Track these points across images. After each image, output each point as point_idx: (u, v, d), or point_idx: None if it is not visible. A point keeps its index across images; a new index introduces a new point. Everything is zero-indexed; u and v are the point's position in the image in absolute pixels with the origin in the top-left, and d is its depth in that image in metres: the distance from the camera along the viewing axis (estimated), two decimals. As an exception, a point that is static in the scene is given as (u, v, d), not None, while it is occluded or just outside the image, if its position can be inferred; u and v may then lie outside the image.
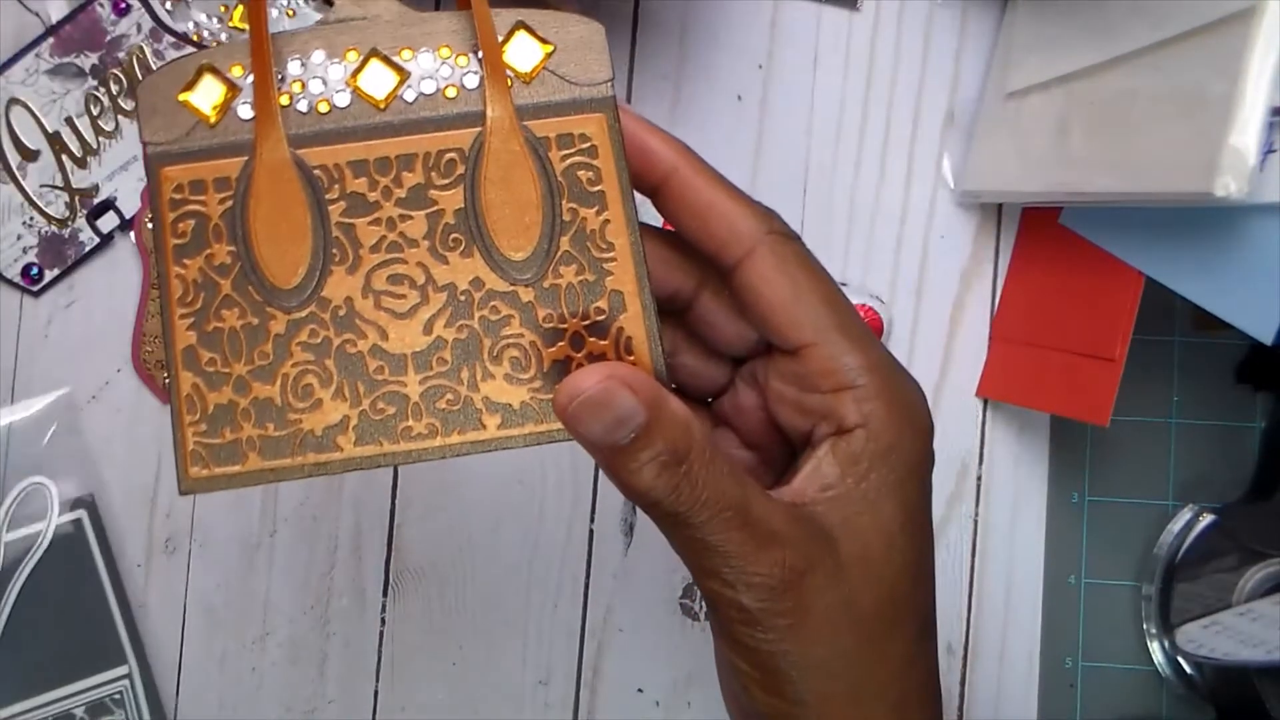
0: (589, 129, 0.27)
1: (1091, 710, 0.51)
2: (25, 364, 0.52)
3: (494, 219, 0.27)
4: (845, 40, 0.51)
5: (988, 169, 0.48)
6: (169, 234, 0.26)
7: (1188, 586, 0.49)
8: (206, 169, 0.26)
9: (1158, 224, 0.42)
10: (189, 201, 0.26)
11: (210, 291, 0.26)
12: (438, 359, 0.27)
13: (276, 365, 0.26)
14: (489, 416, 0.27)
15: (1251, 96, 0.35)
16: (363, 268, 0.26)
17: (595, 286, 0.27)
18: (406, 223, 0.26)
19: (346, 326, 0.26)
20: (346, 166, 0.26)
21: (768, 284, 0.28)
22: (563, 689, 0.52)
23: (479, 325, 0.27)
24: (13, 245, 0.51)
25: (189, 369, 0.26)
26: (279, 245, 0.26)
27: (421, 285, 0.26)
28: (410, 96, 0.26)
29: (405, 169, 0.26)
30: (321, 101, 0.26)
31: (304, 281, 0.26)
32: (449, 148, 0.26)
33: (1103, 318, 0.44)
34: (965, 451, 0.51)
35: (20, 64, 0.50)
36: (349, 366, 0.26)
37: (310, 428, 0.26)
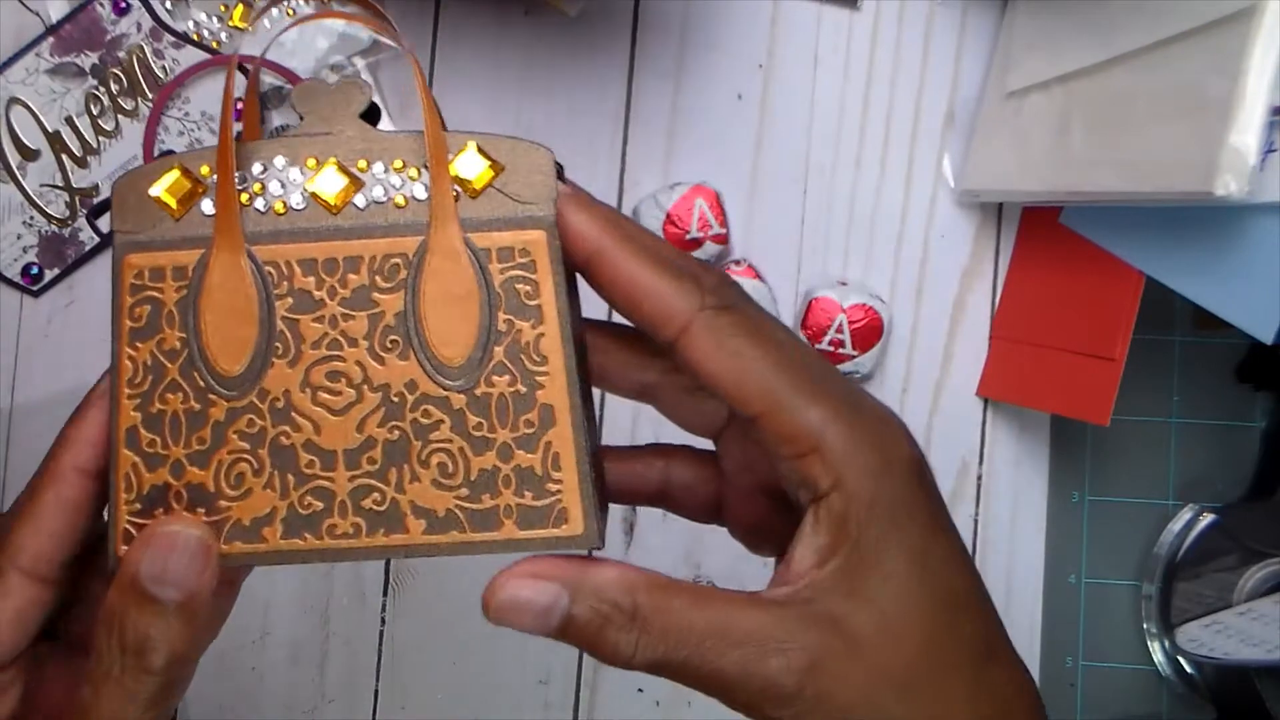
0: (530, 244, 0.28)
1: (1092, 710, 0.51)
2: (25, 364, 0.52)
3: (431, 324, 0.27)
4: (845, 40, 0.51)
5: (988, 168, 0.48)
6: (125, 317, 0.27)
7: (1188, 586, 0.49)
8: (166, 258, 0.27)
9: (1158, 224, 0.42)
10: (147, 288, 0.27)
11: (158, 374, 0.27)
12: (367, 458, 0.27)
13: (212, 451, 0.27)
14: (413, 520, 0.27)
15: (1251, 96, 0.35)
16: (303, 362, 0.27)
17: (527, 399, 0.27)
18: (348, 321, 0.27)
19: (283, 418, 0.27)
20: (296, 264, 0.27)
21: (707, 361, 0.27)
22: (563, 689, 0.52)
23: (410, 427, 0.27)
24: (13, 245, 0.51)
25: (130, 448, 0.27)
26: (226, 335, 0.27)
27: (358, 384, 0.27)
28: (361, 203, 0.28)
29: (351, 270, 0.27)
30: (278, 202, 0.28)
31: (246, 371, 0.27)
32: (394, 253, 0.27)
33: (1103, 317, 0.44)
34: (965, 451, 0.51)
35: (20, 64, 0.50)
36: (281, 458, 0.27)
37: (239, 516, 0.27)
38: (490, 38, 0.51)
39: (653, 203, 0.49)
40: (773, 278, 0.50)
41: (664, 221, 0.49)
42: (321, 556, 0.27)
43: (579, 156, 0.51)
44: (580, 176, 0.52)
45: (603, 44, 0.51)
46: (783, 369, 0.27)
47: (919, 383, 0.51)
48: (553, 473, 0.27)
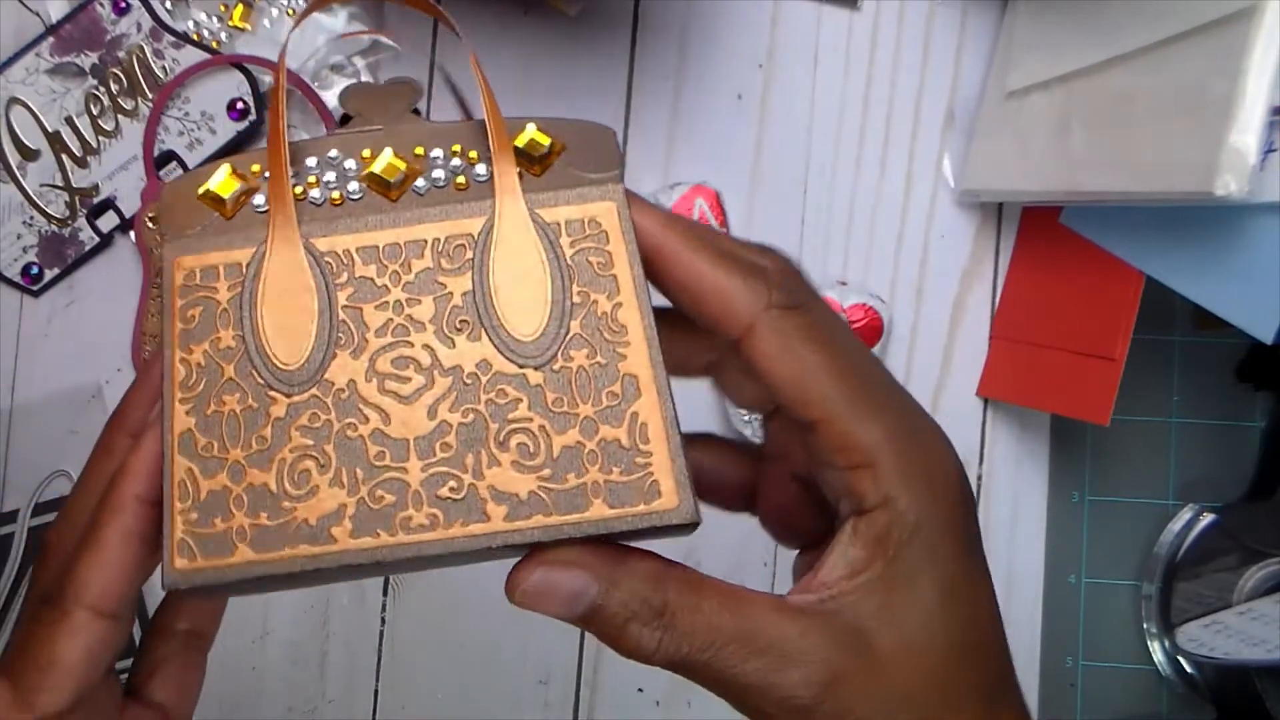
0: (599, 215, 0.27)
1: (1092, 710, 0.51)
2: (25, 364, 0.52)
3: (503, 301, 0.27)
4: (845, 40, 0.51)
5: (988, 168, 0.48)
6: (177, 320, 0.26)
7: (1188, 586, 0.49)
8: (219, 257, 0.27)
9: (1158, 224, 0.42)
10: (199, 288, 0.26)
11: (213, 375, 0.26)
12: (441, 444, 0.26)
13: (274, 450, 0.26)
14: (494, 507, 0.25)
15: (1251, 96, 0.35)
16: (367, 351, 0.26)
17: (608, 370, 0.26)
18: (414, 306, 0.26)
19: (348, 410, 0.26)
20: (356, 253, 0.27)
21: (770, 362, 0.26)
22: (563, 689, 0.52)
23: (485, 409, 0.26)
24: (13, 245, 0.51)
25: (184, 454, 0.25)
26: (285, 328, 0.26)
27: (427, 368, 0.26)
28: (421, 186, 0.27)
29: (414, 255, 0.27)
30: (335, 193, 0.27)
31: (308, 363, 0.26)
32: (458, 234, 0.27)
33: (1103, 317, 0.44)
34: (966, 451, 0.51)
35: (20, 64, 0.50)
36: (349, 451, 0.26)
37: (305, 517, 0.25)
38: (490, 38, 0.51)
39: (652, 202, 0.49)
40: (773, 278, 0.50)
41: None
42: (394, 554, 0.25)
43: (579, 156, 0.51)
44: (580, 176, 0.52)
45: (603, 44, 0.51)
46: (844, 378, 0.26)
47: (919, 383, 0.51)
48: (641, 445, 0.26)
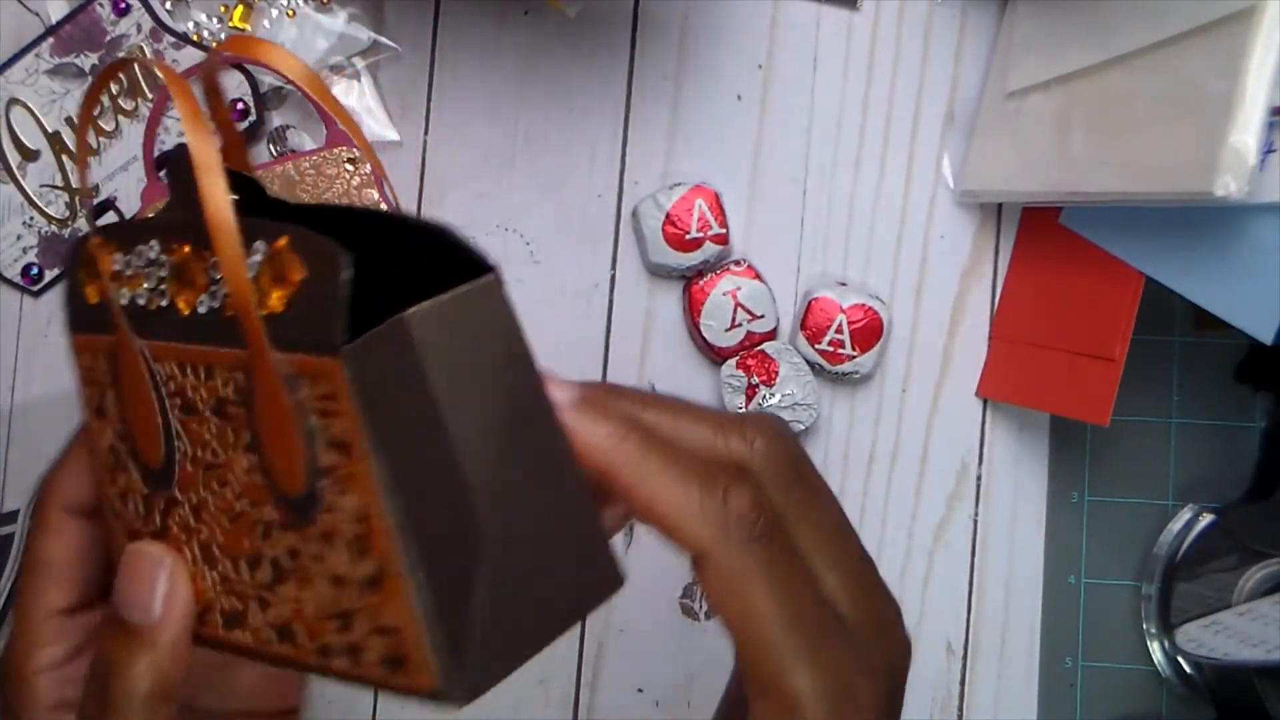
0: (327, 375, 0.22)
1: (1091, 710, 0.51)
2: (25, 364, 0.52)
3: (269, 453, 0.24)
4: (845, 40, 0.51)
5: (987, 169, 0.48)
6: (86, 396, 0.27)
7: (1188, 586, 0.49)
8: (95, 343, 0.27)
9: (1158, 224, 0.42)
10: (91, 369, 0.27)
11: (115, 457, 0.27)
12: (262, 569, 0.25)
13: (162, 537, 0.26)
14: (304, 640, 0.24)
15: (1251, 96, 0.35)
16: (199, 465, 0.25)
17: (361, 544, 0.23)
18: (218, 433, 0.25)
19: (197, 517, 0.26)
20: (175, 365, 0.25)
21: (717, 599, 0.25)
22: (563, 689, 0.52)
23: (283, 553, 0.24)
24: (13, 245, 0.51)
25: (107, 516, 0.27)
26: (144, 428, 0.26)
27: (237, 495, 0.25)
28: (202, 309, 0.24)
29: (208, 379, 0.24)
30: (152, 301, 0.25)
31: (164, 468, 0.26)
32: (236, 366, 0.24)
33: (1102, 317, 0.44)
34: (965, 451, 0.51)
35: (20, 64, 0.50)
36: (205, 555, 0.26)
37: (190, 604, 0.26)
38: (490, 38, 0.51)
39: (652, 203, 0.49)
40: (772, 278, 0.50)
41: (664, 221, 0.49)
42: (258, 656, 0.25)
43: (579, 157, 0.51)
44: (580, 177, 0.53)
45: (603, 44, 0.51)
46: (789, 627, 0.25)
47: (919, 383, 0.51)
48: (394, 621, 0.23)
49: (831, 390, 0.51)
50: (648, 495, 0.24)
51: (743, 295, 0.49)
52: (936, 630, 0.51)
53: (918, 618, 0.51)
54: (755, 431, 0.26)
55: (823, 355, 0.49)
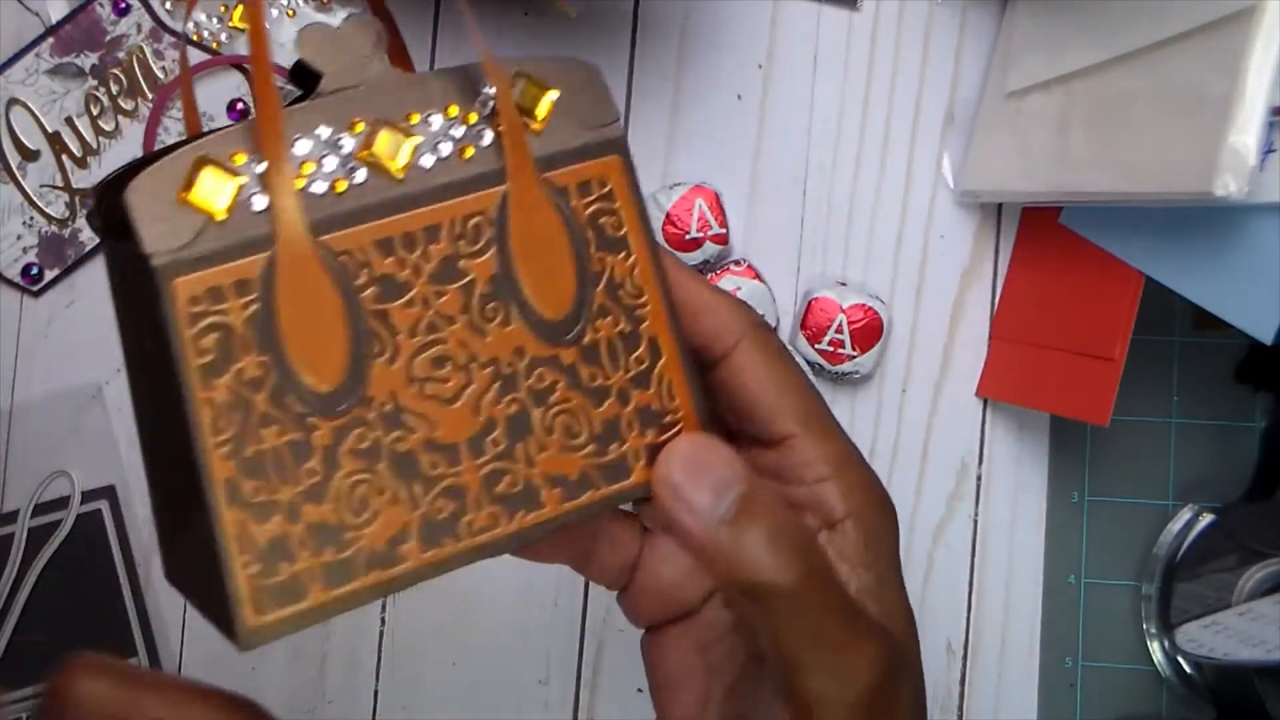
0: (605, 173, 0.26)
1: (1091, 710, 0.51)
2: (25, 364, 0.52)
3: (529, 281, 0.25)
4: (845, 40, 0.51)
5: (988, 169, 0.48)
6: (191, 354, 0.22)
7: (1188, 586, 0.49)
8: (223, 273, 0.23)
9: (1158, 224, 0.42)
10: (209, 313, 0.23)
11: (245, 412, 0.23)
12: (491, 441, 0.25)
13: (327, 481, 0.23)
14: (549, 492, 0.25)
15: (1251, 96, 0.35)
16: (403, 356, 0.24)
17: (632, 336, 0.26)
18: (441, 300, 0.24)
19: (395, 423, 0.24)
20: (372, 247, 0.24)
21: (754, 376, 0.28)
22: (563, 689, 0.52)
23: (527, 397, 0.25)
24: (13, 245, 0.51)
25: (233, 505, 0.23)
26: (314, 347, 0.23)
27: (465, 365, 0.25)
28: (427, 163, 0.24)
29: (431, 242, 0.24)
30: (338, 181, 0.24)
31: (345, 382, 0.23)
32: (474, 212, 0.25)
33: (1102, 317, 0.44)
34: (965, 451, 0.51)
35: (20, 64, 0.50)
36: (403, 467, 0.24)
37: (371, 544, 0.24)
38: (490, 38, 0.51)
39: (652, 203, 0.49)
40: (772, 278, 0.50)
41: (664, 221, 0.49)
42: (461, 560, 0.25)
43: (579, 156, 0.51)
44: (580, 176, 0.52)
45: (603, 44, 0.51)
46: (810, 399, 0.28)
47: (918, 383, 0.51)
48: (669, 404, 0.26)
49: (832, 390, 0.51)
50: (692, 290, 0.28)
51: (743, 295, 0.49)
52: (936, 630, 0.51)
53: (918, 617, 0.51)
54: None
55: (823, 355, 0.49)
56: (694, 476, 0.25)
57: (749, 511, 0.25)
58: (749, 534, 0.25)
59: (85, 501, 0.51)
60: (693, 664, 0.31)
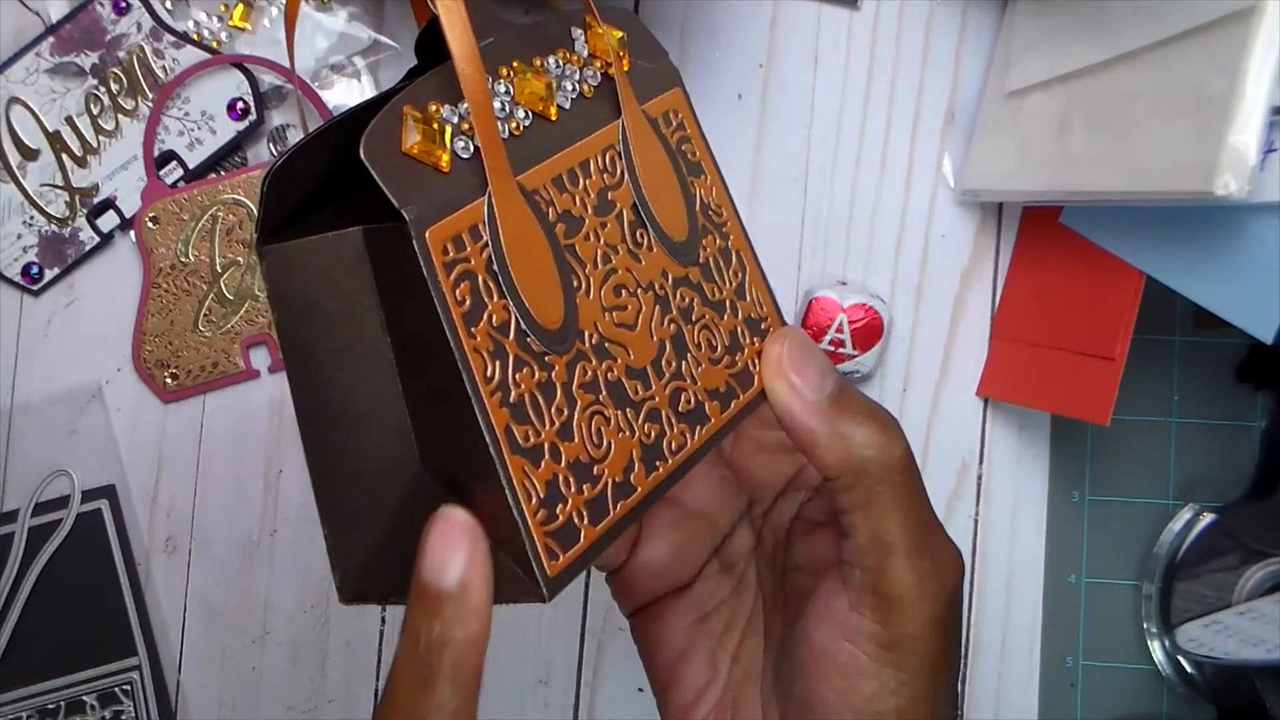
0: (675, 104, 0.28)
1: (1091, 710, 0.51)
2: (25, 364, 0.52)
3: (657, 206, 0.27)
4: (845, 40, 0.51)
5: (988, 168, 0.48)
6: (453, 304, 0.23)
7: (1188, 586, 0.49)
8: (458, 220, 0.23)
9: (1158, 223, 0.42)
10: (457, 261, 0.23)
11: (502, 357, 0.23)
12: (665, 361, 0.26)
13: (571, 418, 0.24)
14: (711, 405, 0.27)
15: (1251, 95, 0.35)
16: (593, 288, 0.26)
17: (726, 252, 0.28)
18: (605, 230, 0.26)
19: (603, 354, 0.25)
20: (550, 185, 0.25)
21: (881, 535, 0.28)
22: (563, 689, 0.52)
23: (680, 315, 0.27)
24: (13, 245, 0.51)
25: (514, 452, 0.23)
26: (537, 284, 0.24)
27: (634, 290, 0.26)
28: (565, 103, 0.26)
29: (586, 176, 0.26)
30: (512, 123, 0.25)
31: (565, 319, 0.25)
32: (606, 144, 0.27)
33: (1103, 317, 0.44)
34: (965, 451, 0.51)
35: (20, 63, 0.50)
36: (618, 395, 0.25)
37: (612, 475, 0.25)
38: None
39: (653, 202, 0.49)
40: (773, 277, 0.50)
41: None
42: (674, 479, 0.26)
43: (579, 156, 0.51)
44: (580, 176, 0.52)
45: (603, 44, 0.51)
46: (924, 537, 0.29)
47: (919, 382, 0.51)
48: (761, 311, 0.29)
49: (832, 390, 0.51)
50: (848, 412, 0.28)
51: (743, 295, 0.49)
52: (937, 630, 0.51)
53: (918, 617, 0.51)
54: None
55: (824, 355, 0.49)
56: (799, 368, 0.28)
57: (847, 398, 0.27)
58: (854, 412, 0.27)
59: (85, 501, 0.51)
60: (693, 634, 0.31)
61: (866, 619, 0.28)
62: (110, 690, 0.50)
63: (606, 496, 0.24)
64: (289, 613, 0.52)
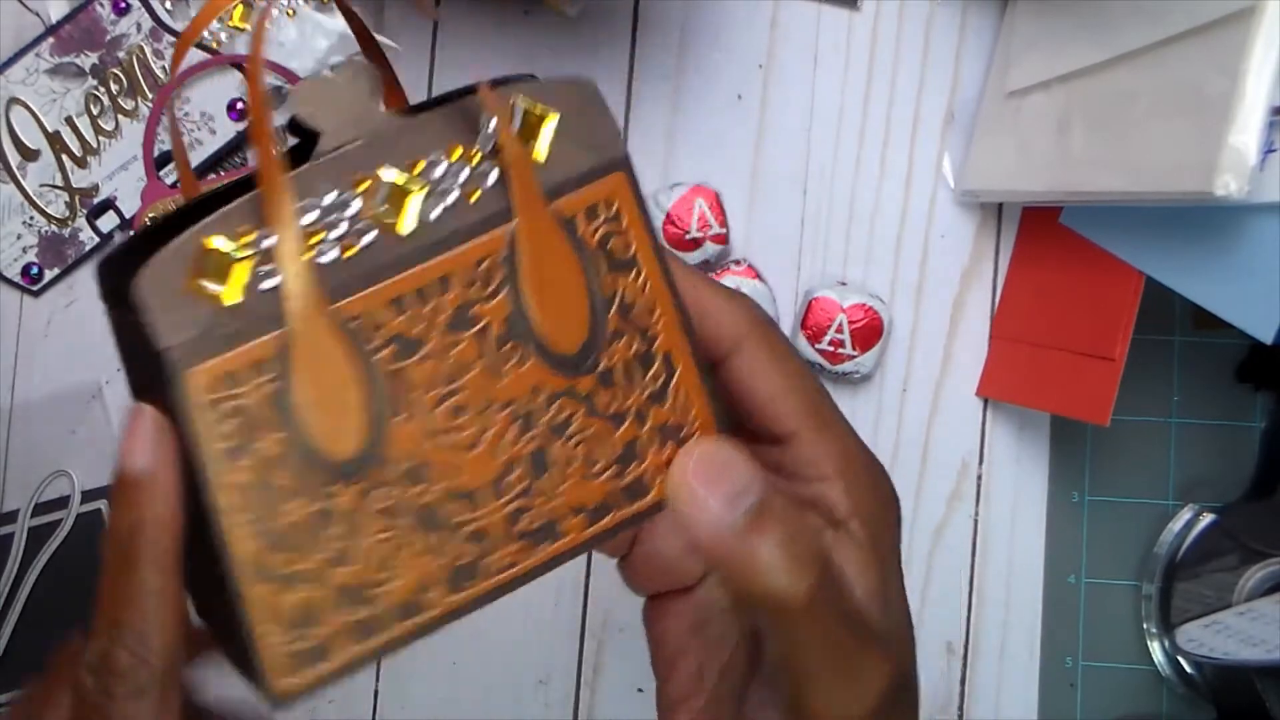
0: (610, 193, 0.25)
1: (1091, 710, 0.51)
2: (25, 364, 0.52)
3: (543, 317, 0.24)
4: (845, 40, 0.51)
5: (988, 168, 0.48)
6: (213, 443, 0.22)
7: (1188, 586, 0.49)
8: (238, 357, 0.22)
9: (1158, 223, 0.42)
10: (227, 399, 0.22)
11: (268, 490, 0.23)
12: (512, 481, 0.25)
13: (352, 545, 0.23)
14: (570, 521, 0.25)
15: (1251, 95, 0.35)
16: (422, 411, 0.24)
17: (647, 356, 0.25)
18: (457, 348, 0.24)
19: (416, 478, 0.24)
20: (385, 308, 0.23)
21: (758, 376, 0.27)
22: (563, 689, 0.52)
23: (546, 432, 0.25)
24: (13, 245, 0.51)
25: (259, 579, 0.23)
26: (332, 418, 0.23)
27: (483, 410, 0.24)
28: (434, 213, 0.23)
29: (444, 292, 0.24)
30: (347, 246, 0.23)
31: (365, 447, 0.23)
32: (484, 255, 0.24)
33: (1103, 317, 0.44)
34: (965, 451, 0.51)
35: (20, 64, 0.50)
36: (426, 520, 0.24)
37: (398, 597, 0.24)
38: (490, 38, 0.51)
39: (653, 203, 0.49)
40: (773, 278, 0.50)
41: (664, 221, 0.49)
42: (486, 598, 0.25)
43: (579, 156, 0.51)
44: (580, 176, 0.52)
45: (603, 44, 0.51)
46: (813, 396, 0.28)
47: (919, 383, 0.51)
48: (686, 416, 0.26)
49: (832, 390, 0.51)
50: (695, 289, 0.27)
51: (743, 295, 0.49)
52: (936, 630, 0.51)
53: (918, 618, 0.51)
54: None
55: (823, 355, 0.49)
56: (709, 482, 0.25)
57: (763, 520, 0.24)
58: (763, 543, 0.24)
59: (85, 501, 0.51)
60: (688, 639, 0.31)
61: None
62: (110, 690, 0.50)
63: (384, 618, 0.24)
64: (289, 613, 0.52)
